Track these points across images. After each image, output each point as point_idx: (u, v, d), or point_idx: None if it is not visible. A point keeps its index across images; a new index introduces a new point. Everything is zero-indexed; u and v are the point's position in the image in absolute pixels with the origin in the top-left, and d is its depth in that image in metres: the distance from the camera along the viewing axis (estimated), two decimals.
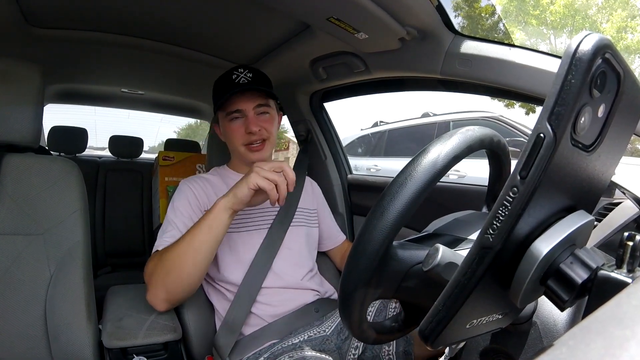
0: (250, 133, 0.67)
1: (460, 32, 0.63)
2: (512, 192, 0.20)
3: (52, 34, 0.84)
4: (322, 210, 0.85)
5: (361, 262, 0.26)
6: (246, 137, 0.68)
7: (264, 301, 0.64)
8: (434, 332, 0.22)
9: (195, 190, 0.68)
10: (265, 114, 0.71)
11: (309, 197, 0.81)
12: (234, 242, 0.67)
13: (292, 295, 0.66)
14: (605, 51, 0.19)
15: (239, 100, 0.68)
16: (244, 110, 0.68)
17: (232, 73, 0.69)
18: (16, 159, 0.61)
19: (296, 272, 0.69)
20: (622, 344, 0.11)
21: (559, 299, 0.22)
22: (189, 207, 0.66)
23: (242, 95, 0.68)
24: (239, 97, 0.68)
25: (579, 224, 0.22)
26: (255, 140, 0.69)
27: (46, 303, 0.57)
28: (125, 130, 1.88)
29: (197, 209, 0.66)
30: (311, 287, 0.69)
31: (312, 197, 0.83)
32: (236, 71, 0.69)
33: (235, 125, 0.69)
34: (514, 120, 2.34)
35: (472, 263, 0.21)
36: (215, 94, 0.72)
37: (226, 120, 0.70)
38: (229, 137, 0.71)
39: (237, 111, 0.68)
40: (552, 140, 0.19)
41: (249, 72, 0.69)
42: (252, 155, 0.69)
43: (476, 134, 0.28)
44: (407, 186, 0.26)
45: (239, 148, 0.70)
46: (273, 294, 0.65)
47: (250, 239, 0.68)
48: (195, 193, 0.68)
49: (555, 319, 0.36)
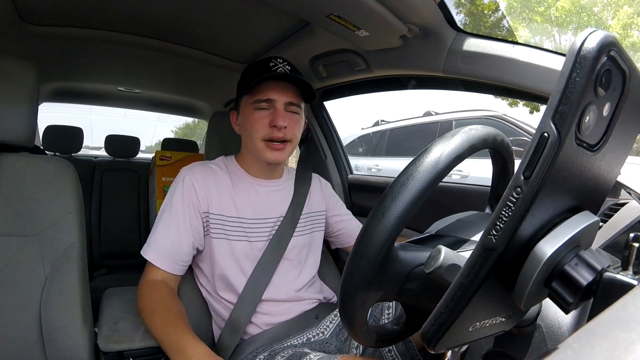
0: (275, 127, 0.60)
1: (462, 29, 0.62)
2: (516, 192, 0.20)
3: (47, 31, 0.83)
4: (335, 208, 0.79)
5: (362, 264, 0.25)
6: (269, 131, 0.61)
7: (263, 311, 0.63)
8: (436, 336, 0.22)
9: (195, 184, 0.62)
10: (295, 114, 0.64)
11: (317, 199, 0.75)
12: (234, 252, 0.63)
13: (291, 306, 0.65)
14: (610, 49, 0.19)
15: (273, 89, 0.61)
16: (275, 101, 0.61)
17: (270, 61, 0.63)
18: (10, 158, 0.60)
19: (296, 284, 0.66)
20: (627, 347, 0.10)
21: (564, 302, 0.22)
22: (185, 206, 0.61)
23: (277, 84, 0.61)
24: (273, 86, 0.61)
25: (584, 225, 0.22)
26: (278, 137, 0.61)
27: (41, 305, 0.56)
28: (121, 129, 1.87)
29: (194, 208, 0.62)
30: (310, 296, 0.68)
31: (321, 197, 0.77)
32: (274, 59, 0.63)
33: (260, 114, 0.61)
34: (517, 119, 2.34)
35: (475, 265, 0.21)
36: (244, 77, 0.65)
37: (250, 108, 0.62)
38: (249, 127, 0.62)
39: (267, 100, 0.61)
40: (556, 139, 0.18)
41: (287, 64, 0.63)
42: (270, 154, 0.62)
43: (479, 133, 0.28)
44: (409, 186, 0.25)
45: (256, 142, 0.62)
46: (272, 306, 0.63)
47: (251, 249, 0.64)
48: (196, 187, 0.62)
49: (560, 322, 0.35)
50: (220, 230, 0.63)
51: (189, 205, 0.62)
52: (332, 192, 0.81)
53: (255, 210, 0.66)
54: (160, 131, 3.42)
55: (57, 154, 1.53)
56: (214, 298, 0.65)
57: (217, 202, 0.63)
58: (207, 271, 0.65)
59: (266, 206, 0.67)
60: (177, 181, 0.64)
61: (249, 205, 0.66)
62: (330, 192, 0.81)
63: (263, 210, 0.67)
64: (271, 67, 0.61)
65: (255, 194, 0.67)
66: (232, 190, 0.66)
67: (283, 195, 0.70)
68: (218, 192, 0.64)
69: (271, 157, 0.63)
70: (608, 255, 0.39)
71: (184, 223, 0.61)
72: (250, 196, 0.66)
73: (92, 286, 0.62)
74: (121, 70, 1.22)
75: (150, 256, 0.60)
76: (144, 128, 3.19)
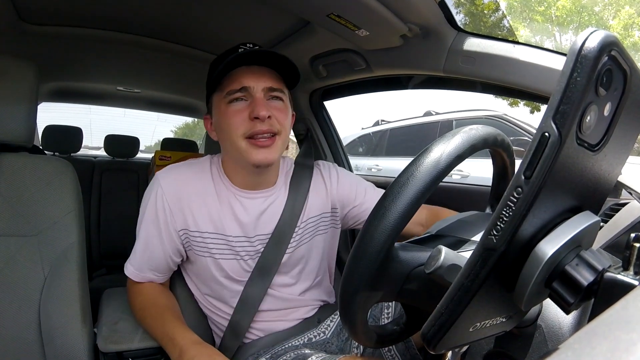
0: (256, 119, 0.50)
1: (463, 29, 0.62)
2: (517, 192, 0.19)
3: (46, 30, 0.83)
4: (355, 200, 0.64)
5: (362, 264, 0.25)
6: (250, 125, 0.50)
7: (261, 318, 0.61)
8: (436, 336, 0.22)
9: (168, 200, 0.53)
10: (279, 101, 0.53)
11: (320, 201, 0.63)
12: (222, 269, 0.57)
13: (292, 312, 0.62)
14: (611, 48, 0.19)
15: (246, 76, 0.51)
16: (251, 88, 0.51)
17: (238, 47, 0.53)
18: (9, 158, 0.60)
19: (296, 289, 0.62)
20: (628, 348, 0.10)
21: (564, 302, 0.22)
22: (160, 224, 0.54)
23: (250, 70, 0.51)
24: (246, 72, 0.51)
25: (585, 225, 0.22)
26: (262, 131, 0.50)
27: (40, 306, 0.56)
28: (121, 129, 1.86)
29: (169, 226, 0.54)
30: (311, 301, 0.64)
31: (326, 197, 0.64)
32: (243, 45, 0.53)
33: (237, 107, 0.51)
34: (518, 119, 2.34)
35: (476, 265, 0.21)
36: (212, 71, 0.54)
37: (223, 103, 0.52)
38: (225, 125, 0.51)
39: (242, 89, 0.51)
40: (557, 139, 0.18)
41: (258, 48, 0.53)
42: (257, 154, 0.50)
43: (480, 133, 0.28)
44: (409, 186, 0.25)
45: (238, 142, 0.51)
46: (270, 315, 0.61)
47: (241, 268, 0.57)
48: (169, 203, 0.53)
49: (561, 322, 0.35)
50: (203, 248, 0.56)
51: (164, 224, 0.55)
52: (344, 183, 0.65)
53: (243, 228, 0.56)
54: (159, 131, 3.42)
55: (56, 154, 1.53)
56: (208, 309, 0.62)
57: (195, 219, 0.55)
58: (196, 282, 0.62)
59: (255, 223, 0.57)
60: (149, 192, 0.55)
61: (234, 222, 0.56)
62: (343, 184, 0.65)
63: (252, 228, 0.57)
64: (240, 53, 0.51)
65: (242, 209, 0.56)
66: (214, 201, 0.55)
67: (276, 207, 0.59)
68: (197, 206, 0.55)
69: (258, 157, 0.51)
70: (609, 256, 0.39)
71: (160, 242, 0.55)
72: (235, 212, 0.56)
73: (91, 286, 0.62)
74: (121, 70, 1.22)
75: (129, 272, 0.59)
76: (143, 128, 3.19)
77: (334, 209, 0.65)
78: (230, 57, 0.49)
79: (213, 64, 0.56)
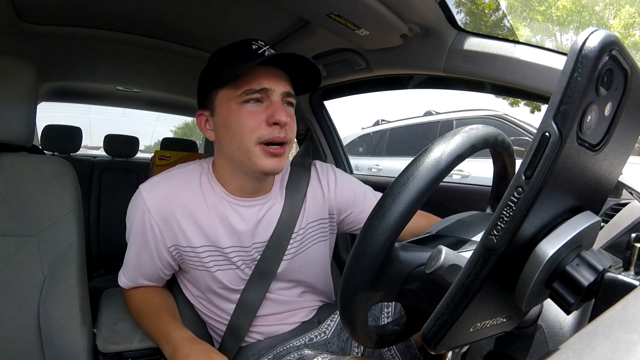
0: (275, 125, 0.47)
1: (463, 28, 0.62)
2: (517, 192, 0.19)
3: (45, 30, 0.83)
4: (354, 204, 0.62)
5: (362, 264, 0.25)
6: (267, 131, 0.47)
7: (260, 323, 0.60)
8: (436, 336, 0.22)
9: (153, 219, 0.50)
10: (291, 107, 0.51)
11: (317, 207, 0.60)
12: (217, 280, 0.55)
13: (291, 315, 0.61)
14: (612, 48, 0.19)
15: (265, 76, 0.47)
16: (270, 91, 0.47)
17: (250, 43, 0.49)
18: (8, 158, 0.59)
19: (295, 291, 0.62)
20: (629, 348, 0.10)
21: (565, 302, 0.22)
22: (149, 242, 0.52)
23: (268, 71, 0.48)
24: (264, 72, 0.47)
25: (586, 225, 0.22)
26: (279, 139, 0.47)
27: (39, 306, 0.56)
28: (120, 129, 1.86)
29: (159, 244, 0.52)
30: (311, 303, 0.64)
31: (323, 203, 0.61)
32: (255, 41, 0.49)
33: (253, 109, 0.47)
34: (518, 119, 2.34)
35: (476, 265, 0.21)
36: (221, 64, 0.50)
37: (236, 102, 0.48)
38: (237, 127, 0.47)
39: (261, 91, 0.47)
40: (557, 139, 0.18)
41: (270, 48, 0.50)
42: (268, 162, 0.48)
43: (480, 133, 0.28)
44: (410, 186, 0.25)
45: (249, 146, 0.47)
46: (270, 318, 0.60)
47: (237, 276, 0.55)
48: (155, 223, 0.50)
49: (561, 323, 0.35)
50: (197, 262, 0.54)
51: (153, 242, 0.52)
52: (343, 189, 0.62)
53: (239, 237, 0.54)
54: (159, 131, 3.41)
55: (55, 154, 1.53)
56: (205, 315, 0.61)
57: (185, 235, 0.52)
58: (192, 290, 0.61)
59: (253, 232, 0.55)
60: (134, 207, 0.52)
61: (229, 233, 0.53)
62: (341, 190, 0.62)
63: (249, 236, 0.54)
64: (255, 50, 0.48)
65: (238, 218, 0.53)
66: (206, 214, 0.52)
67: (273, 213, 0.56)
68: (187, 222, 0.51)
69: (269, 165, 0.48)
70: (610, 256, 0.39)
71: (150, 258, 0.54)
72: (230, 222, 0.53)
73: (90, 287, 0.62)
74: (120, 70, 1.21)
75: (122, 283, 0.59)
76: (142, 127, 3.18)
77: (331, 214, 0.62)
78: (259, 59, 0.45)
79: (219, 57, 0.52)
